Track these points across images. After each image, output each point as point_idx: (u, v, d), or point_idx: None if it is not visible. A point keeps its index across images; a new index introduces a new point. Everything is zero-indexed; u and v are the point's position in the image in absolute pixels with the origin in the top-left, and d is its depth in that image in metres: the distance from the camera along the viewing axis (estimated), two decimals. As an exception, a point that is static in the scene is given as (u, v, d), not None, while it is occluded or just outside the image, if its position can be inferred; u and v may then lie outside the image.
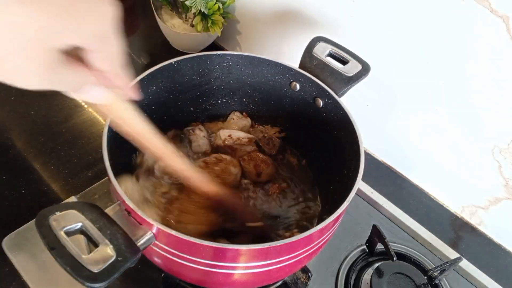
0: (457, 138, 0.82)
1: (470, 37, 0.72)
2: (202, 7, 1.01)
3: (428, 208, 0.91)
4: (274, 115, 0.83)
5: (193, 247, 0.49)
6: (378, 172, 0.96)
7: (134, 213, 0.49)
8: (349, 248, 0.80)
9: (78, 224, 0.45)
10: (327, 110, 0.73)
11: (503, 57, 0.69)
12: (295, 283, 0.73)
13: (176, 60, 0.72)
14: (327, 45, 0.74)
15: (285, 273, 0.62)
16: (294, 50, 1.00)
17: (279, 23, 1.02)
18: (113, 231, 0.45)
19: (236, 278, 0.55)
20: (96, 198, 0.79)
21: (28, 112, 0.94)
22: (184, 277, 0.61)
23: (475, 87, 0.75)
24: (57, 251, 0.42)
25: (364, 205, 0.88)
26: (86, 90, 0.41)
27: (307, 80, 0.74)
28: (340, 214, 0.56)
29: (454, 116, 0.81)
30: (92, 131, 0.93)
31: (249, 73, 0.79)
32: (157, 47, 1.18)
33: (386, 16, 0.80)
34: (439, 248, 0.83)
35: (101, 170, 0.85)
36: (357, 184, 0.58)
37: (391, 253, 0.71)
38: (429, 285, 0.72)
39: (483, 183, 0.82)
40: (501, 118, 0.75)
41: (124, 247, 0.44)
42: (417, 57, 0.80)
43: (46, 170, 0.84)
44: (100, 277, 0.41)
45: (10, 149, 0.87)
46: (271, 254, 0.52)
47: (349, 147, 0.66)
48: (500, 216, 0.83)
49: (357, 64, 0.72)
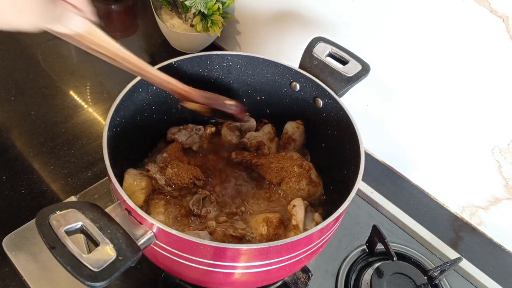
0: (457, 138, 0.82)
1: (470, 37, 0.72)
2: (202, 7, 1.01)
3: (428, 208, 0.91)
4: (274, 115, 0.83)
5: (193, 246, 0.49)
6: (378, 172, 0.96)
7: (135, 212, 0.49)
8: (349, 248, 0.80)
9: (78, 223, 0.45)
10: (327, 110, 0.73)
11: (503, 57, 0.70)
12: (295, 283, 0.73)
13: (176, 60, 0.72)
14: (327, 45, 0.74)
15: (285, 273, 0.62)
16: (294, 50, 1.00)
17: (278, 23, 1.02)
18: (113, 230, 0.45)
19: (236, 277, 0.55)
20: (96, 198, 0.79)
21: (28, 112, 0.94)
22: (184, 276, 0.61)
23: (475, 87, 0.75)
24: (57, 250, 0.42)
25: (364, 205, 0.88)
26: (68, 21, 0.48)
27: (307, 80, 0.74)
28: (340, 214, 0.56)
29: (454, 116, 0.81)
30: (92, 131, 0.93)
31: (249, 73, 0.79)
32: (157, 47, 1.18)
33: (386, 16, 0.80)
34: (439, 248, 0.83)
35: (100, 170, 0.85)
36: (357, 184, 0.58)
37: (391, 253, 0.71)
38: (429, 285, 0.72)
39: (483, 183, 0.82)
40: (501, 118, 0.75)
41: (124, 246, 0.44)
42: (417, 57, 0.80)
43: (46, 170, 0.84)
44: (100, 276, 0.41)
45: (10, 149, 0.87)
46: (271, 254, 0.52)
47: (349, 147, 0.66)
48: (500, 216, 0.83)
49: (357, 64, 0.72)
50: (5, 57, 1.06)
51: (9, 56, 1.07)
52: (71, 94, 1.01)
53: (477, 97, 0.76)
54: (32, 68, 1.05)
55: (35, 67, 1.05)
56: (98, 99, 1.01)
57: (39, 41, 1.11)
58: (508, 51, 0.68)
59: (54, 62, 1.08)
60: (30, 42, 1.11)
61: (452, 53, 0.75)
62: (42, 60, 1.07)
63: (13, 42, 1.11)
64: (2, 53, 1.07)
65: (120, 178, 0.65)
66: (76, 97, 1.00)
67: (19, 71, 1.04)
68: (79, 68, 1.08)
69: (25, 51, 1.09)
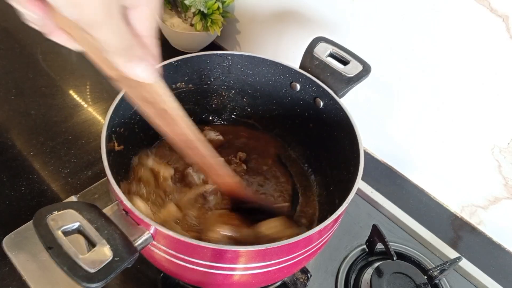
0: (457, 137, 0.82)
1: (470, 36, 0.72)
2: (202, 6, 1.01)
3: (428, 207, 0.91)
4: (274, 115, 0.83)
5: (191, 248, 0.49)
6: (378, 172, 0.96)
7: (132, 213, 0.49)
8: (348, 247, 0.80)
9: (75, 223, 0.45)
10: (327, 111, 0.73)
11: (503, 56, 0.69)
12: (295, 284, 0.73)
13: (176, 60, 0.72)
14: (327, 45, 0.74)
15: (284, 274, 0.62)
16: (294, 50, 1.00)
17: (278, 22, 1.01)
18: (110, 231, 0.45)
19: (235, 279, 0.55)
20: (96, 198, 0.79)
21: (28, 111, 0.94)
22: (182, 278, 0.61)
23: (475, 86, 0.75)
24: (54, 250, 0.42)
25: (364, 205, 0.88)
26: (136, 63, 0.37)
27: (308, 81, 0.74)
28: (340, 215, 0.56)
29: (454, 115, 0.80)
30: (91, 131, 0.93)
31: (249, 73, 0.79)
32: (157, 47, 1.18)
33: (386, 16, 0.80)
34: (439, 247, 0.83)
35: (100, 170, 0.85)
36: (357, 185, 0.58)
37: (391, 253, 0.71)
38: (429, 284, 0.71)
39: (482, 183, 0.82)
40: (501, 118, 0.74)
41: (121, 247, 0.44)
42: (417, 57, 0.80)
43: (45, 170, 0.84)
44: (96, 277, 0.41)
45: (10, 148, 0.87)
46: (270, 255, 0.52)
47: (349, 148, 0.66)
48: (499, 215, 0.83)
49: (357, 64, 0.72)
50: (4, 56, 1.06)
51: (9, 56, 1.07)
52: (71, 93, 1.01)
53: (477, 96, 0.76)
54: (31, 68, 1.05)
55: (35, 66, 1.05)
56: (98, 99, 1.01)
57: (38, 40, 1.11)
58: (508, 50, 0.68)
59: (53, 61, 1.08)
60: (29, 41, 1.11)
61: (452, 52, 0.75)
62: (41, 60, 1.07)
63: (13, 42, 1.11)
64: (2, 53, 1.07)
65: (118, 179, 0.65)
66: (76, 96, 1.00)
67: (18, 70, 1.04)
68: (79, 67, 1.08)
69: (24, 50, 1.09)
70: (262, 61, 0.77)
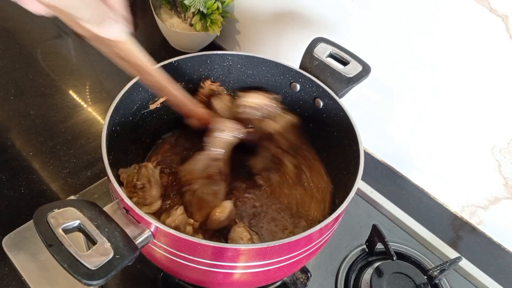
0: (457, 137, 0.82)
1: (469, 36, 0.72)
2: (201, 6, 1.01)
3: (428, 207, 0.91)
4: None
5: (192, 246, 0.49)
6: (378, 172, 0.96)
7: (132, 211, 0.49)
8: (348, 247, 0.80)
9: (76, 221, 0.45)
10: (327, 111, 0.73)
11: (503, 56, 0.69)
12: (294, 283, 0.73)
13: (176, 60, 0.72)
14: (327, 45, 0.74)
15: (284, 273, 0.62)
16: (294, 50, 1.00)
17: (278, 23, 1.02)
18: (111, 229, 0.45)
19: (235, 278, 0.55)
20: (96, 197, 0.79)
21: (27, 111, 0.94)
22: (182, 276, 0.61)
23: (475, 86, 0.75)
24: (54, 248, 0.41)
25: (364, 204, 0.88)
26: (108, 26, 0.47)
27: (308, 81, 0.74)
28: (340, 214, 0.56)
29: (453, 115, 0.81)
30: (91, 131, 0.92)
31: (249, 73, 0.79)
32: (156, 47, 1.18)
33: (386, 16, 0.80)
34: (439, 247, 0.83)
35: (100, 170, 0.85)
36: (357, 185, 0.58)
37: (391, 253, 0.71)
38: (429, 284, 0.71)
39: (482, 183, 0.82)
40: (501, 118, 0.75)
41: (121, 245, 0.44)
42: (417, 57, 0.80)
43: (45, 170, 0.84)
44: (97, 274, 0.41)
45: (10, 148, 0.87)
46: (270, 254, 0.51)
47: (349, 148, 0.66)
48: (499, 215, 0.83)
49: (357, 65, 0.72)
50: (4, 56, 1.06)
51: (8, 56, 1.07)
52: (71, 93, 1.01)
53: (477, 96, 0.76)
54: (31, 68, 1.05)
55: (34, 66, 1.05)
56: (97, 99, 1.01)
57: (38, 40, 1.11)
58: (507, 50, 0.68)
59: (53, 61, 1.08)
60: (29, 42, 1.11)
61: (452, 52, 0.75)
62: (41, 60, 1.07)
63: (13, 42, 1.11)
64: (1, 53, 1.07)
65: (119, 178, 0.65)
66: (75, 96, 1.00)
67: (18, 70, 1.04)
68: (79, 67, 1.08)
69: (24, 51, 1.09)
70: (262, 61, 0.77)
